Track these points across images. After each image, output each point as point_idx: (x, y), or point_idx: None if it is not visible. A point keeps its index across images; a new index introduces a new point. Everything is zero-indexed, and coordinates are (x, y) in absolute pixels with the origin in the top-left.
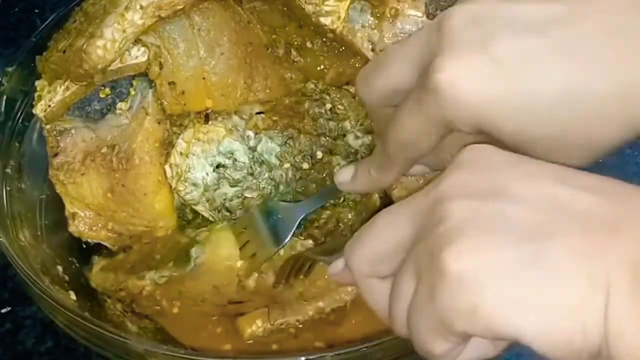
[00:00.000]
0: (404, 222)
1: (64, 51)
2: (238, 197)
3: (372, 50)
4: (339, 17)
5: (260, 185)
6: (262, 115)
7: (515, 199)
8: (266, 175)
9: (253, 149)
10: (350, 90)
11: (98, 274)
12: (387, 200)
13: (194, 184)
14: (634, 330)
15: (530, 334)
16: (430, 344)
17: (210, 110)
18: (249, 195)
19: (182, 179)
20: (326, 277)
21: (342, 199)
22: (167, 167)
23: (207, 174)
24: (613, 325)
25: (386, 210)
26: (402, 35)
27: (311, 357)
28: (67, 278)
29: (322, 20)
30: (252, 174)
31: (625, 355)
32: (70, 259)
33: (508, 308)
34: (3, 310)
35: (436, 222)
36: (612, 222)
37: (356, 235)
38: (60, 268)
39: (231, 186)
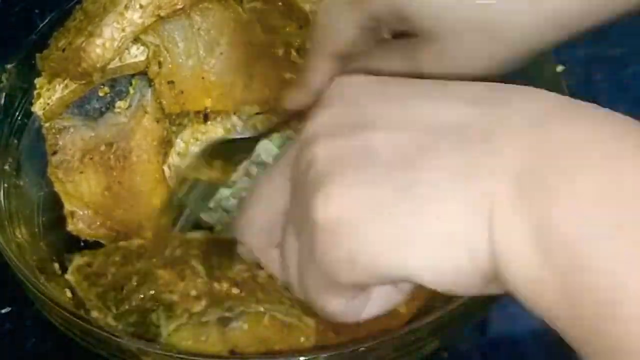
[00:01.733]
0: (280, 180)
1: (64, 50)
2: (235, 197)
3: None
4: None
5: None
6: (261, 116)
7: (379, 127)
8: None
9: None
10: None
11: (74, 273)
12: None
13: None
14: (521, 249)
15: (416, 269)
16: (325, 302)
17: (209, 110)
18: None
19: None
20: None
21: None
22: (165, 168)
23: None
24: (499, 243)
25: (259, 178)
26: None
27: (311, 357)
28: (63, 276)
29: None
30: (249, 175)
31: (514, 275)
32: (67, 256)
33: (388, 247)
34: (3, 310)
35: (305, 169)
36: (485, 133)
37: (240, 212)
38: (56, 265)
39: (228, 187)
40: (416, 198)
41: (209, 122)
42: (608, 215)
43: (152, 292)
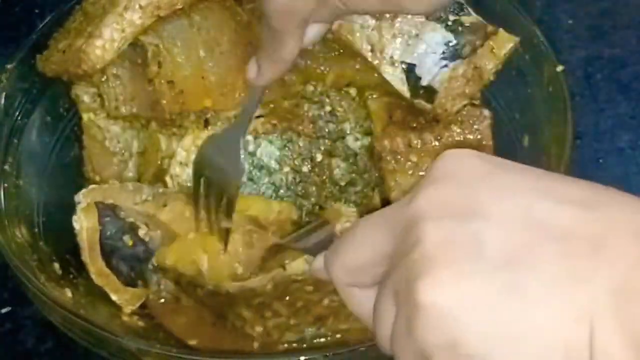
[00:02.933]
0: (382, 234)
1: (64, 51)
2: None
3: (371, 51)
4: None
5: (261, 190)
6: (261, 119)
7: (490, 218)
8: (266, 179)
9: (252, 154)
10: (350, 92)
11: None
12: (387, 203)
13: None
14: (617, 352)
15: None
16: None
17: (210, 115)
18: None
19: (182, 188)
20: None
21: (343, 201)
22: (167, 179)
23: None
24: (600, 354)
25: (364, 219)
26: (401, 35)
27: (310, 357)
28: (63, 275)
29: None
30: (251, 179)
31: None
32: (67, 256)
33: (489, 342)
34: (3, 310)
35: (412, 245)
36: (594, 241)
37: (336, 242)
38: (56, 265)
39: None
40: (518, 300)
41: (209, 128)
42: None
43: None
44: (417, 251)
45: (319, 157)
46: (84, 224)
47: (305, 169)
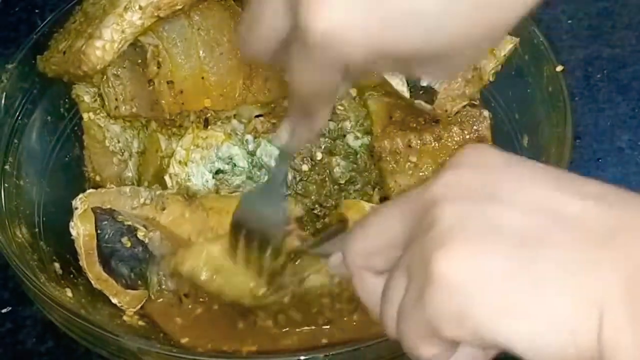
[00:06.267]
0: (398, 219)
1: (64, 52)
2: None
3: None
4: None
5: None
6: (261, 118)
7: (508, 203)
8: (266, 179)
9: (252, 153)
10: (350, 92)
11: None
12: None
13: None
14: (630, 345)
15: (520, 343)
16: (419, 347)
17: (209, 114)
18: None
19: (182, 188)
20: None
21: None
22: (166, 178)
23: (206, 180)
24: (608, 340)
25: (382, 205)
26: None
27: (310, 357)
28: (63, 275)
29: None
30: (251, 178)
31: None
32: (67, 256)
33: (499, 315)
34: (3, 310)
35: (428, 224)
36: (606, 231)
37: (354, 228)
38: (57, 265)
39: (231, 192)
40: (532, 278)
41: (209, 127)
42: None
43: None
44: (435, 229)
45: (319, 156)
46: (80, 230)
47: (305, 167)
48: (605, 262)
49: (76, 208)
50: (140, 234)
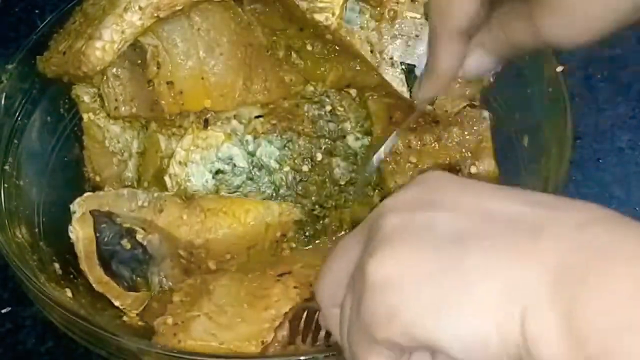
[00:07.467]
0: (355, 243)
1: (64, 53)
2: None
3: (371, 52)
4: (333, 14)
5: (261, 190)
6: (261, 119)
7: (445, 209)
8: (266, 179)
9: (252, 154)
10: (350, 93)
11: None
12: None
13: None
14: (552, 336)
15: (446, 338)
16: (362, 359)
17: (209, 115)
18: None
19: (181, 188)
20: None
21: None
22: (166, 178)
23: (206, 181)
24: (531, 332)
25: (343, 238)
26: (401, 36)
27: (311, 357)
28: (63, 275)
29: (317, 17)
30: (251, 179)
31: (545, 358)
32: (67, 256)
33: (425, 311)
34: (3, 311)
35: (373, 237)
36: (536, 228)
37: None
38: (57, 265)
39: (231, 192)
40: (459, 273)
41: (209, 128)
42: (637, 313)
43: None
44: (373, 240)
45: (319, 157)
46: (79, 234)
47: (305, 168)
48: (533, 255)
49: (74, 212)
50: (139, 236)
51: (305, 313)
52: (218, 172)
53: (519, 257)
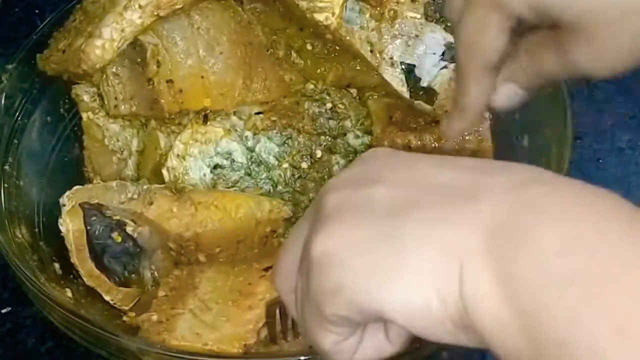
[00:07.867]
0: (304, 226)
1: (64, 51)
2: None
3: (371, 51)
4: (333, 13)
5: (258, 185)
6: (261, 115)
7: (384, 184)
8: (264, 175)
9: (251, 150)
10: (350, 91)
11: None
12: None
13: (191, 186)
14: (487, 293)
15: (389, 304)
16: (318, 338)
17: (209, 111)
18: None
19: (179, 182)
20: None
21: None
22: (164, 171)
23: (204, 174)
24: (468, 291)
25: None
26: (401, 36)
27: (311, 357)
28: (63, 275)
29: (317, 16)
30: (249, 174)
31: (481, 320)
32: (67, 256)
33: (367, 282)
34: (3, 311)
35: (316, 218)
36: (471, 191)
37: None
38: (57, 265)
39: (228, 187)
40: (397, 241)
41: (208, 123)
42: (567, 265)
43: None
44: (318, 217)
45: (318, 154)
46: (69, 226)
47: (304, 165)
48: (468, 218)
49: (64, 205)
50: (129, 229)
51: (279, 309)
52: (216, 166)
53: (455, 221)
